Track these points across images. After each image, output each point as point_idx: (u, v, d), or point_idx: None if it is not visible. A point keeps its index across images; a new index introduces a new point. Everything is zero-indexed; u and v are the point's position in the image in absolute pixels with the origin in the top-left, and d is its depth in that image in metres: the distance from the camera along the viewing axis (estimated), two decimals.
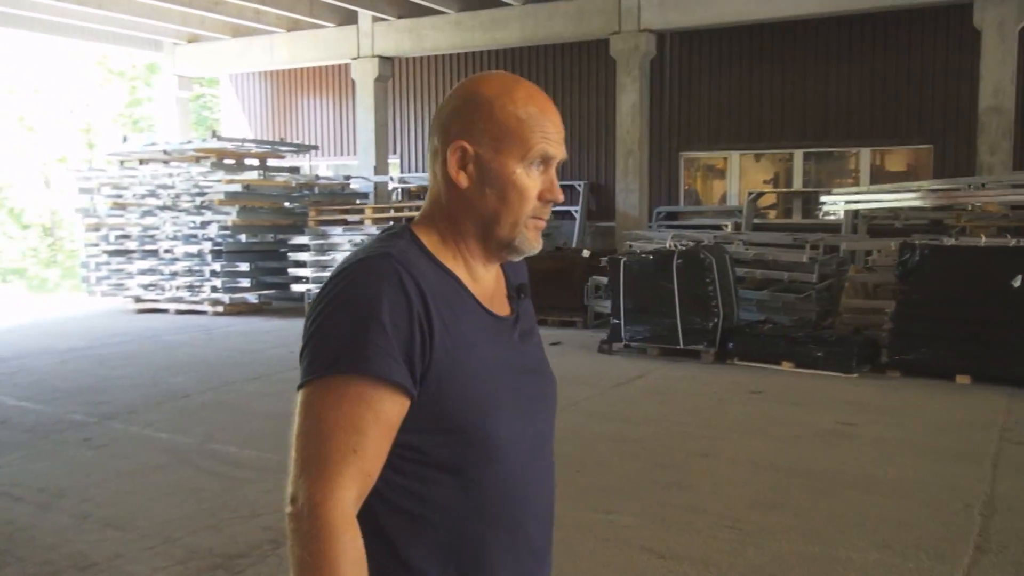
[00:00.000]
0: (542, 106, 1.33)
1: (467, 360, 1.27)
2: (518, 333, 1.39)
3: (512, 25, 13.66)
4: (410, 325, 1.21)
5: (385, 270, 1.23)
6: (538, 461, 1.39)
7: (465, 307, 1.30)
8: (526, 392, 1.37)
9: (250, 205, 12.15)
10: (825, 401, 6.77)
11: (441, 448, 1.26)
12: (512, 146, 1.30)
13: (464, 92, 1.34)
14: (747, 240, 10.18)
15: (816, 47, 13.29)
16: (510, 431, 1.31)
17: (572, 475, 4.96)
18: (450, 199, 1.33)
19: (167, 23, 15.53)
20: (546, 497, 1.42)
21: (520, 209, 1.31)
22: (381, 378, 1.19)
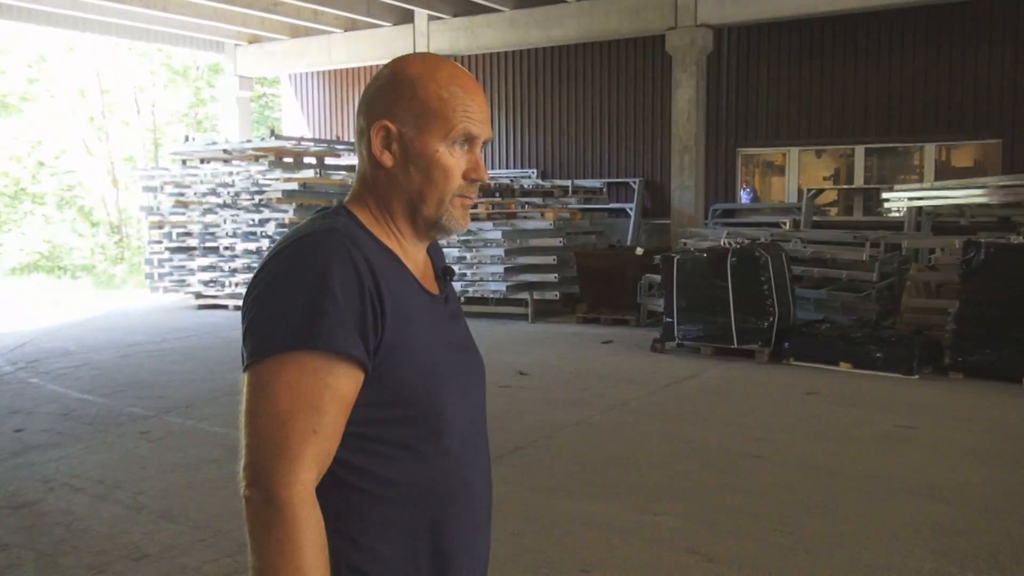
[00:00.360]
0: (466, 86, 1.34)
1: (415, 335, 1.27)
2: (448, 312, 1.41)
3: (567, 22, 13.61)
4: (362, 299, 1.20)
5: (333, 244, 1.23)
6: (478, 435, 1.41)
7: (406, 284, 1.31)
8: (464, 368, 1.39)
9: (307, 203, 12.31)
10: (883, 403, 6.59)
11: (390, 423, 1.26)
12: (435, 125, 1.31)
13: (388, 72, 1.35)
14: (805, 238, 9.97)
15: (879, 39, 12.97)
16: (455, 405, 1.32)
17: (620, 474, 4.91)
18: (377, 178, 1.34)
19: (228, 24, 15.83)
20: (485, 470, 1.44)
21: (444, 187, 1.32)
22: (339, 353, 1.18)
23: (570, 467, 5.08)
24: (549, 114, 15.87)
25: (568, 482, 4.81)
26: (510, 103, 16.28)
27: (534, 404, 6.60)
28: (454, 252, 11.10)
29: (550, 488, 4.70)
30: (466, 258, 11.10)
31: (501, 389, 7.06)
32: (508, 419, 6.13)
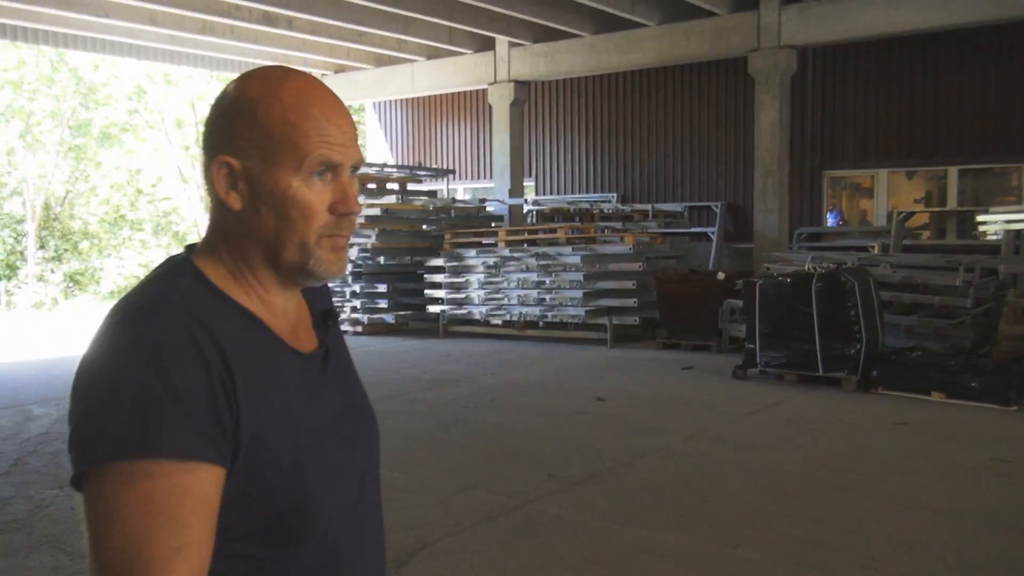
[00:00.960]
0: (319, 103, 1.11)
1: (278, 416, 1.08)
2: (330, 369, 1.21)
3: (647, 46, 13.58)
4: (209, 385, 1.00)
5: (166, 322, 1.02)
6: (362, 512, 1.21)
7: (268, 351, 1.10)
8: (344, 438, 1.19)
9: (389, 228, 12.54)
10: (979, 435, 6.30)
11: (255, 521, 1.07)
12: (284, 155, 1.09)
13: (225, 96, 1.13)
14: (894, 262, 9.66)
15: (972, 57, 12.54)
16: (331, 487, 1.13)
17: (698, 504, 4.82)
18: (228, 223, 1.12)
19: (316, 55, 16.32)
20: (374, 545, 1.25)
21: (306, 228, 1.10)
22: (190, 455, 0.98)
23: (647, 496, 5.00)
24: (629, 138, 15.82)
25: (644, 511, 4.73)
26: (590, 127, 16.30)
27: (611, 431, 6.53)
28: (532, 277, 11.13)
29: (626, 517, 4.63)
30: (545, 283, 11.10)
31: (578, 415, 7.02)
32: (584, 446, 6.08)
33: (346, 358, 1.29)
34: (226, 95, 1.13)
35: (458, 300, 11.94)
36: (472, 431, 6.55)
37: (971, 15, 10.99)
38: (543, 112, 16.82)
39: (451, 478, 5.28)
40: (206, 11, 13.24)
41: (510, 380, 8.66)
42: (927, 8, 11.19)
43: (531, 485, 5.12)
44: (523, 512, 4.67)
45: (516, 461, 5.67)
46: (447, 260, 11.97)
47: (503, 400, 7.67)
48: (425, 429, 6.62)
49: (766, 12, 12.40)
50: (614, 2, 12.44)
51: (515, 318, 11.50)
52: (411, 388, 8.22)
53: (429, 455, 5.87)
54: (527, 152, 16.42)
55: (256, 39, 15.11)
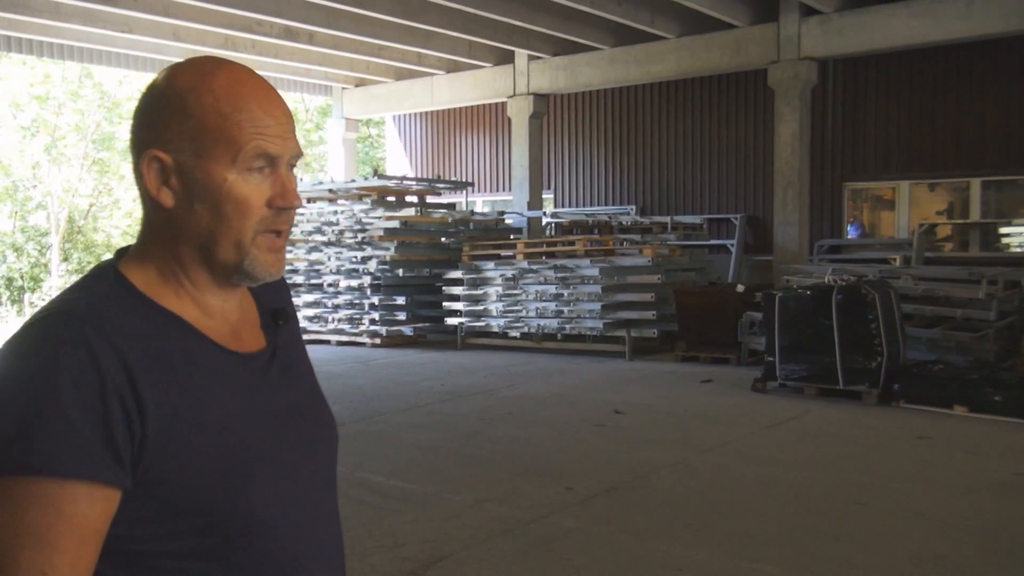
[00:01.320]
0: (253, 93, 1.06)
1: (202, 424, 1.02)
2: (276, 369, 1.15)
3: (668, 58, 13.58)
4: (103, 401, 0.96)
5: (63, 335, 0.97)
6: (314, 519, 1.15)
7: (193, 357, 1.05)
8: (291, 442, 1.12)
9: (408, 240, 12.58)
10: (1003, 450, 6.22)
11: (185, 536, 1.02)
12: (217, 148, 1.04)
13: (153, 89, 1.08)
14: (916, 275, 9.58)
15: (995, 67, 12.45)
16: (272, 496, 1.07)
17: (717, 519, 4.78)
18: (159, 222, 1.08)
19: (336, 69, 16.45)
20: (328, 549, 1.18)
21: (242, 224, 1.06)
22: (70, 475, 0.94)
23: (665, 509, 4.97)
24: (648, 150, 15.81)
25: (663, 525, 4.70)
26: (609, 139, 16.31)
27: (629, 443, 6.50)
28: (550, 289, 11.13)
29: (644, 531, 4.60)
30: (563, 295, 11.09)
31: (596, 428, 6.99)
32: (602, 458, 6.05)
33: (297, 358, 1.22)
34: (155, 87, 1.08)
35: (476, 312, 11.95)
36: (490, 444, 6.54)
37: (994, 26, 10.91)
38: (562, 124, 16.85)
39: (468, 490, 5.27)
40: (228, 26, 13.38)
41: (528, 393, 8.65)
42: (948, 19, 11.12)
43: (549, 498, 5.10)
44: (540, 525, 4.65)
45: (534, 474, 5.66)
46: (465, 272, 11.99)
47: (521, 413, 7.66)
48: (443, 441, 6.62)
49: (786, 24, 12.37)
50: (633, 15, 12.46)
51: (533, 330, 11.49)
52: (429, 400, 8.22)
53: (447, 467, 5.86)
54: (546, 164, 16.44)
55: (277, 53, 15.26)
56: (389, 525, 4.70)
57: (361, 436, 6.73)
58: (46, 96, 23.60)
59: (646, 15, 12.64)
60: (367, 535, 4.55)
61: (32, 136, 23.53)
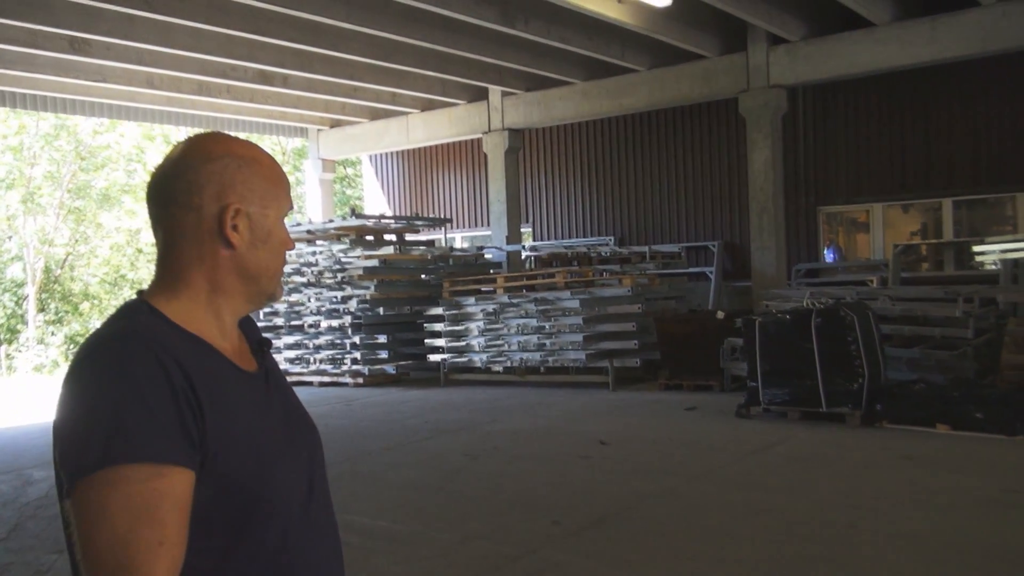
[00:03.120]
0: (277, 164, 1.40)
1: (237, 421, 1.25)
2: (272, 386, 1.40)
3: (639, 90, 13.75)
4: (174, 398, 1.17)
5: (134, 351, 1.19)
6: (315, 512, 1.37)
7: (224, 373, 1.29)
8: (292, 443, 1.36)
9: (388, 279, 12.56)
10: (986, 467, 6.24)
11: (224, 517, 1.23)
12: (273, 201, 1.35)
13: (213, 153, 1.33)
14: (893, 295, 9.66)
15: (960, 90, 12.69)
16: (287, 484, 1.31)
17: (706, 547, 4.75)
18: (215, 261, 1.31)
19: (311, 111, 16.53)
20: (328, 548, 1.40)
21: (282, 261, 1.39)
22: (164, 460, 1.15)
23: (653, 539, 4.94)
24: (624, 181, 15.94)
25: (651, 555, 4.67)
26: (585, 172, 16.43)
27: (616, 474, 6.47)
28: (532, 322, 11.13)
29: (633, 562, 4.57)
30: (545, 328, 11.09)
31: (582, 459, 6.96)
32: (589, 490, 6.02)
33: (282, 379, 1.47)
34: (209, 153, 1.33)
35: (458, 348, 11.91)
36: (475, 480, 6.49)
37: (957, 49, 11.14)
38: (538, 159, 16.97)
39: (454, 528, 5.22)
40: (202, 72, 13.43)
41: (512, 427, 8.61)
42: (913, 44, 11.35)
43: (535, 533, 5.06)
44: (528, 561, 4.61)
45: (520, 509, 5.62)
46: (446, 308, 11.98)
47: (506, 447, 7.62)
48: (427, 479, 6.56)
49: (754, 53, 12.58)
50: (604, 49, 12.62)
51: (516, 364, 11.47)
52: (413, 438, 8.17)
53: (432, 505, 5.81)
54: (523, 198, 16.53)
55: (252, 97, 15.32)
56: (376, 566, 4.64)
57: (345, 477, 6.67)
58: (20, 147, 23.53)
59: (616, 48, 12.81)
60: None
61: (7, 188, 23.41)
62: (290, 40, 11.82)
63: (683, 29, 11.96)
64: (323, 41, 12.07)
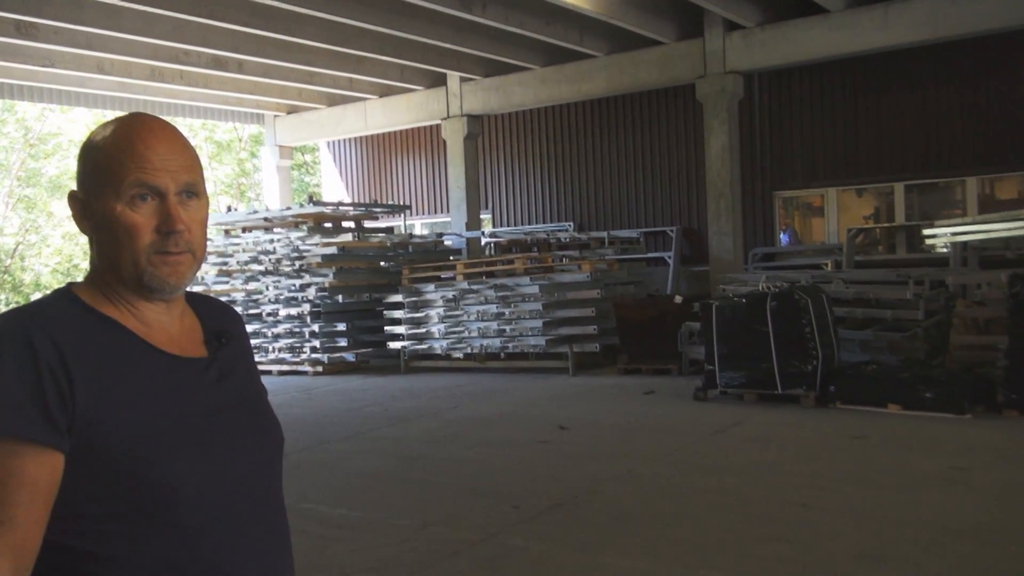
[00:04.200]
0: (143, 136, 1.27)
1: (131, 404, 1.21)
2: (214, 375, 1.34)
3: (597, 76, 13.78)
4: (37, 378, 1.14)
5: (9, 325, 1.19)
6: (247, 503, 1.31)
7: (127, 352, 1.25)
8: (223, 431, 1.30)
9: (346, 266, 12.49)
10: (935, 445, 6.40)
11: (110, 500, 1.18)
12: (107, 184, 1.25)
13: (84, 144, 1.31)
14: (847, 278, 9.82)
15: (912, 76, 12.90)
16: (195, 473, 1.23)
17: (664, 529, 4.81)
18: (91, 250, 1.31)
19: (268, 97, 16.32)
20: (263, 542, 1.34)
21: (134, 247, 1.26)
22: (15, 436, 1.12)
23: (612, 522, 4.99)
24: (583, 167, 15.98)
25: (610, 538, 4.72)
26: (544, 158, 16.44)
27: (575, 459, 6.52)
28: (492, 309, 11.14)
29: (591, 544, 4.61)
30: (504, 314, 11.11)
31: (541, 444, 7.00)
32: (548, 475, 6.06)
33: (246, 373, 1.43)
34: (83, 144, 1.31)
35: (419, 335, 11.89)
36: (435, 466, 6.50)
37: (908, 36, 11.32)
38: (497, 145, 16.94)
39: (414, 515, 5.23)
40: (154, 57, 13.20)
41: (473, 413, 8.63)
42: (866, 30, 11.50)
43: (495, 518, 5.09)
44: (488, 546, 4.64)
45: (480, 494, 5.64)
46: (406, 296, 11.94)
47: (466, 434, 7.63)
48: (387, 467, 6.56)
49: (711, 40, 12.66)
50: (562, 34, 12.62)
51: (476, 351, 11.48)
52: (373, 426, 8.15)
53: (392, 492, 5.81)
54: (482, 185, 16.50)
55: (207, 83, 15.09)
56: (334, 554, 4.63)
57: (305, 466, 6.64)
58: None
59: (575, 34, 12.81)
60: (311, 565, 4.48)
61: None
62: (244, 25, 11.65)
63: (641, 15, 12.00)
64: (278, 26, 11.92)
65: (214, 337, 1.39)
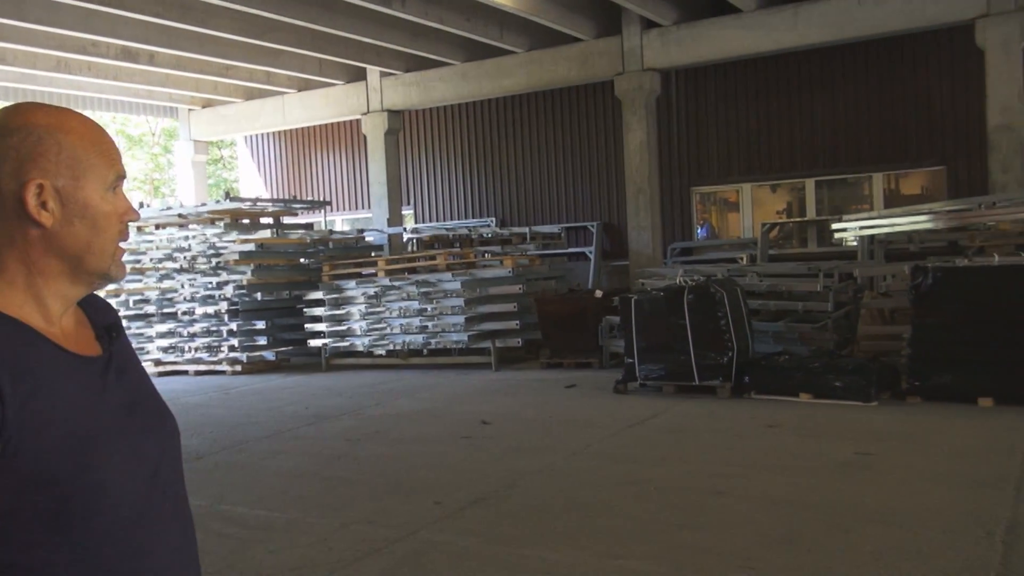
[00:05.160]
0: (94, 128, 1.30)
1: (54, 408, 1.19)
2: (113, 372, 1.33)
3: (517, 72, 13.83)
4: None
5: None
6: (158, 500, 1.31)
7: (38, 354, 1.22)
8: (131, 429, 1.30)
9: (265, 263, 12.27)
10: (843, 431, 6.63)
11: (34, 508, 1.16)
12: (88, 171, 1.26)
13: (9, 126, 1.24)
14: (760, 271, 10.09)
15: (821, 75, 13.31)
16: (115, 473, 1.23)
17: (583, 520, 4.88)
18: (26, 242, 1.24)
19: (181, 90, 15.91)
20: (174, 537, 1.34)
21: (110, 237, 1.29)
22: None
23: (533, 515, 5.03)
24: (505, 163, 16.03)
25: (531, 531, 4.76)
26: (466, 154, 16.44)
27: (496, 453, 6.55)
28: (414, 305, 11.10)
29: (512, 538, 4.65)
30: (427, 310, 11.08)
31: (464, 440, 7.01)
32: (470, 470, 6.08)
33: (131, 365, 1.40)
34: (4, 127, 1.24)
35: (340, 332, 11.77)
36: (356, 465, 6.45)
37: (818, 36, 11.68)
38: (419, 140, 16.87)
39: (334, 514, 5.18)
40: (61, 48, 12.74)
41: (395, 410, 8.58)
42: (778, 30, 11.82)
43: (417, 515, 5.08)
44: (409, 542, 4.63)
45: (401, 491, 5.62)
46: (326, 292, 11.80)
47: (388, 431, 7.59)
48: (307, 466, 6.48)
49: (629, 37, 12.84)
50: (483, 30, 12.63)
51: (399, 347, 11.42)
52: (292, 425, 8.04)
53: (312, 492, 5.75)
54: (404, 180, 16.41)
55: (116, 75, 14.63)
56: (252, 556, 4.56)
57: (221, 467, 6.51)
58: None
59: (495, 30, 12.83)
60: (229, 567, 4.40)
61: None
62: (155, 16, 11.33)
63: (560, 12, 12.09)
64: (191, 17, 11.62)
65: (104, 332, 1.37)
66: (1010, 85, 10.57)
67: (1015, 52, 10.53)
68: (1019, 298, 7.10)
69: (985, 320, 7.25)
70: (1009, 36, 10.54)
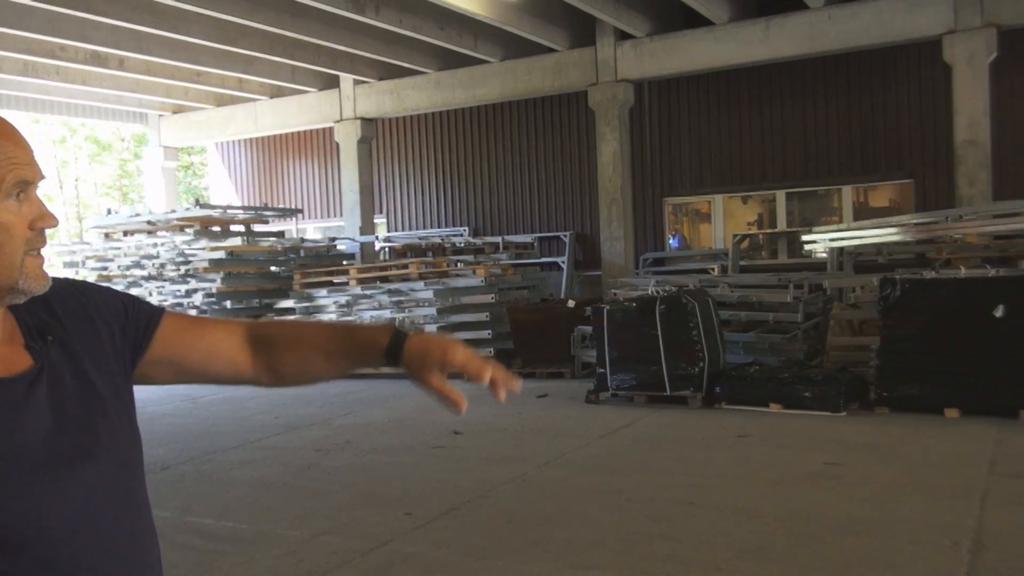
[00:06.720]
0: (4, 130, 1.19)
1: None
2: (45, 386, 1.21)
3: (491, 81, 13.84)
4: None
5: None
6: (104, 518, 1.22)
7: None
8: (63, 453, 1.18)
9: (235, 271, 12.16)
10: (812, 442, 6.67)
11: None
12: None
13: None
14: (731, 282, 10.16)
15: (792, 88, 13.45)
16: (42, 504, 1.14)
17: (553, 530, 4.86)
18: None
19: (151, 96, 15.74)
20: (127, 555, 1.25)
21: (13, 249, 1.16)
22: None
23: (503, 526, 5.01)
24: (478, 172, 16.02)
25: (501, 542, 4.74)
26: (439, 162, 16.41)
27: (468, 464, 6.52)
28: (386, 314, 11.04)
29: (483, 549, 4.62)
30: (399, 319, 11.02)
31: (435, 450, 6.97)
32: (441, 480, 6.04)
33: (74, 371, 1.26)
34: None
35: None
36: (325, 475, 6.39)
37: (789, 49, 11.79)
38: (392, 149, 16.82)
39: (303, 525, 5.12)
40: (28, 52, 12.56)
41: (366, 420, 8.52)
42: (749, 43, 11.93)
43: (387, 526, 5.04)
44: (379, 554, 4.59)
45: (371, 502, 5.57)
46: (298, 301, 11.71)
47: (358, 441, 7.53)
48: (275, 476, 6.41)
49: (602, 48, 12.89)
50: (456, 39, 12.62)
51: None
52: (261, 435, 7.95)
53: (279, 503, 5.68)
54: (377, 189, 16.34)
55: (85, 80, 14.46)
56: (220, 568, 4.49)
57: (188, 478, 6.42)
58: None
59: (469, 39, 12.84)
60: None
61: None
62: (125, 20, 11.20)
63: (534, 22, 12.11)
64: (162, 23, 11.51)
65: (37, 338, 1.24)
66: (976, 100, 10.73)
67: (981, 68, 10.69)
68: (985, 310, 7.19)
69: (952, 332, 7.33)
70: (975, 52, 10.70)
